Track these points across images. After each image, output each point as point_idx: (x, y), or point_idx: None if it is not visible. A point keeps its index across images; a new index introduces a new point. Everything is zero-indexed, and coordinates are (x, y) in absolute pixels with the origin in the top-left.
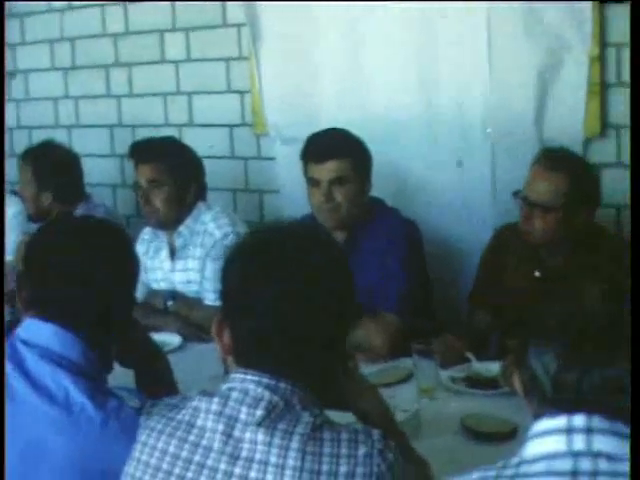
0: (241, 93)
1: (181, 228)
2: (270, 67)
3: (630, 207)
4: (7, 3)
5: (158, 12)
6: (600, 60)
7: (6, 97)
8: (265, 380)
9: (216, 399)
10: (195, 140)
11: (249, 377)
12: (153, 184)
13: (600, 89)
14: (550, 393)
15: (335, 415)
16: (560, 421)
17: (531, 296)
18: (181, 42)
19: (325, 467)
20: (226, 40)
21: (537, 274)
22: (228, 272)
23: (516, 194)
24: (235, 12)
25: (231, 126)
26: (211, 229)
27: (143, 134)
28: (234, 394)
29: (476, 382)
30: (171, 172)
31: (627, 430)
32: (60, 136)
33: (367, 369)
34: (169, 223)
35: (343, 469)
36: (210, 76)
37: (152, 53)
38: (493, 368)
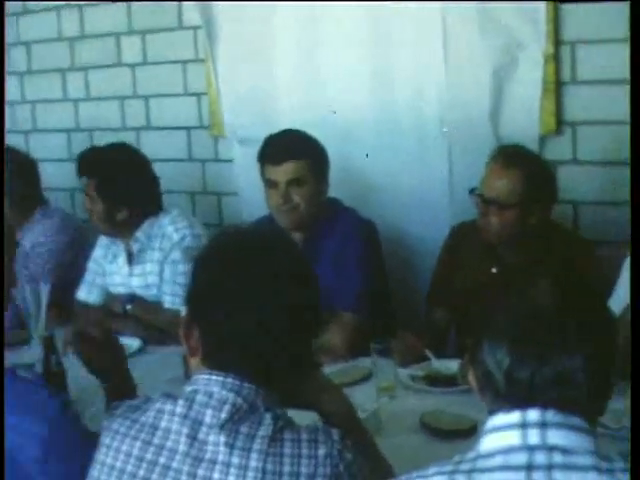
0: (198, 95)
1: (138, 233)
2: (227, 69)
3: (630, 206)
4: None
5: (114, 15)
6: (555, 58)
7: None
8: (229, 381)
9: (181, 401)
10: (153, 143)
11: (214, 378)
12: (88, 198)
13: (555, 87)
14: (504, 389)
15: (299, 415)
16: (514, 416)
17: (489, 293)
18: (137, 45)
19: (287, 468)
20: (182, 42)
21: (494, 271)
22: (197, 274)
23: (472, 191)
24: (191, 14)
25: (188, 128)
26: (169, 232)
27: (101, 138)
28: (199, 397)
29: (435, 380)
30: (101, 191)
31: (582, 423)
32: (17, 141)
33: (326, 369)
34: (111, 235)
35: (304, 470)
36: (167, 79)
37: (108, 56)
38: (452, 366)
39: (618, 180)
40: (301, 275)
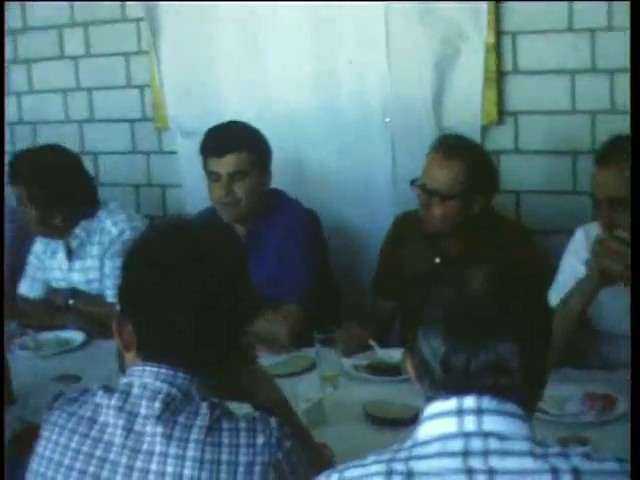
0: (141, 87)
1: (77, 230)
2: (170, 61)
3: (630, 205)
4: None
5: (56, 8)
6: (496, 48)
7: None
8: (163, 371)
9: (116, 394)
10: (96, 136)
11: (148, 369)
12: (24, 204)
13: (497, 77)
14: (440, 376)
15: (234, 407)
16: (451, 403)
17: (431, 282)
18: (80, 37)
19: (225, 457)
20: (125, 35)
21: (437, 261)
22: (128, 268)
23: (413, 182)
24: (134, 6)
25: (132, 121)
26: (108, 227)
27: (44, 131)
28: (134, 390)
29: (379, 369)
30: (33, 200)
31: (517, 409)
32: None
33: (270, 359)
34: (48, 237)
35: (243, 459)
36: (110, 71)
37: (51, 49)
38: (395, 355)
39: (560, 169)
40: (231, 266)
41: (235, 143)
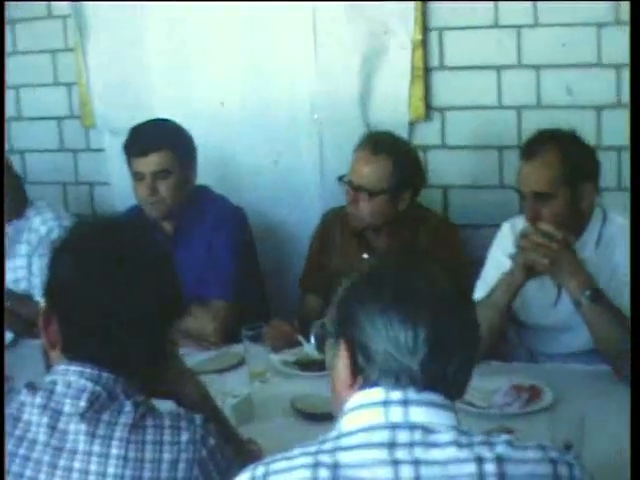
0: (68, 85)
1: (5, 230)
2: (97, 58)
3: (630, 206)
4: None
5: None
6: (423, 44)
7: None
8: (88, 371)
9: (40, 392)
10: (23, 134)
11: (72, 368)
12: None
13: (423, 73)
14: (366, 368)
15: (159, 404)
16: (378, 394)
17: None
18: (7, 34)
19: (149, 455)
20: (52, 32)
21: (365, 256)
22: (55, 265)
23: (341, 179)
24: (60, 3)
25: (59, 118)
26: (36, 225)
27: None
28: (58, 387)
29: (307, 364)
30: None
31: (443, 400)
32: None
33: (199, 356)
34: None
35: (167, 456)
36: (37, 68)
37: None
38: None
39: (486, 164)
40: (157, 264)
41: (157, 142)
